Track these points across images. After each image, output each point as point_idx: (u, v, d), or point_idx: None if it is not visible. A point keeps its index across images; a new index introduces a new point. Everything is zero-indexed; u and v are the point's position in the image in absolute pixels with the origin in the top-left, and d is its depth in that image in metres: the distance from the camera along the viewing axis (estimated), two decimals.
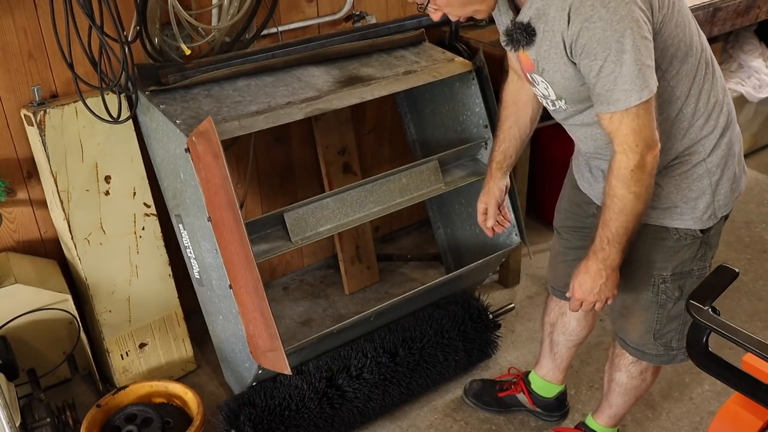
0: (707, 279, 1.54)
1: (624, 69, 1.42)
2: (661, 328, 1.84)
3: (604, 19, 1.39)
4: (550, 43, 1.51)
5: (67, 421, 2.20)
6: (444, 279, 2.43)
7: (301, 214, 2.17)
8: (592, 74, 1.47)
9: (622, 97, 1.45)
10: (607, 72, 1.44)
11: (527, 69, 1.64)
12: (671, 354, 1.87)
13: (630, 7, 1.39)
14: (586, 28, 1.41)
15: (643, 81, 1.43)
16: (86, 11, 1.89)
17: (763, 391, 1.38)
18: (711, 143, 1.66)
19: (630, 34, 1.39)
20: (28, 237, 2.37)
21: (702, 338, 1.43)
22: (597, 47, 1.42)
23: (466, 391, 2.45)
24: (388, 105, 2.96)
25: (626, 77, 1.43)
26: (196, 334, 2.62)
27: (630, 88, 1.44)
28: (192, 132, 1.92)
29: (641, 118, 1.47)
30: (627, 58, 1.41)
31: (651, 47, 1.44)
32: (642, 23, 1.41)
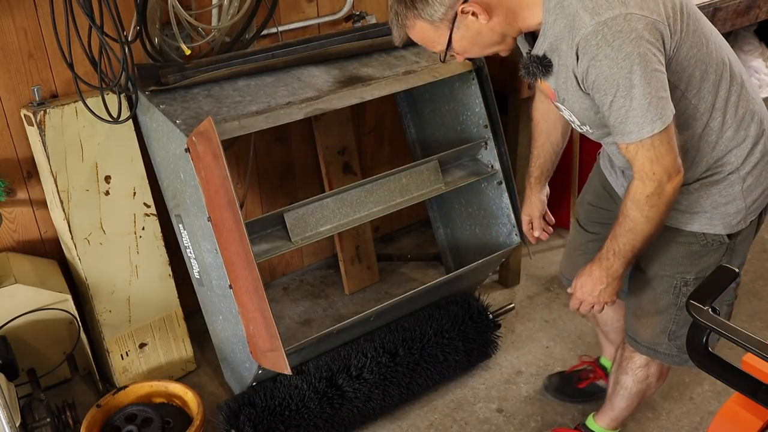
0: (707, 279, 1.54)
1: (634, 103, 1.44)
2: (677, 329, 1.82)
3: (610, 57, 1.42)
4: (566, 76, 1.54)
5: (67, 421, 2.20)
6: (444, 279, 2.43)
7: (301, 214, 2.17)
8: (604, 108, 1.50)
9: (635, 129, 1.47)
10: (618, 106, 1.46)
11: (550, 97, 1.68)
12: (684, 357, 1.83)
13: (636, 43, 1.41)
14: (593, 66, 1.44)
15: (655, 113, 1.45)
16: (86, 11, 1.89)
17: (763, 391, 1.38)
18: (743, 153, 1.66)
19: (638, 69, 1.42)
20: (28, 237, 2.37)
21: (702, 338, 1.43)
22: (605, 84, 1.45)
23: (546, 387, 2.46)
24: (388, 105, 2.96)
25: (637, 110, 1.45)
26: (196, 334, 2.62)
27: (642, 120, 1.46)
28: (192, 132, 1.92)
29: (657, 148, 1.49)
30: (636, 93, 1.43)
31: (663, 78, 1.46)
32: (650, 56, 1.43)
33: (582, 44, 1.43)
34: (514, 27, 1.55)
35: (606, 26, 1.40)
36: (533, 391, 2.48)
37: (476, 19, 1.50)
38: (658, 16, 1.44)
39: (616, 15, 1.40)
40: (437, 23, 1.51)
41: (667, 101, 1.47)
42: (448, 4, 1.48)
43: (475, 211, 2.70)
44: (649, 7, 1.43)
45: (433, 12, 1.49)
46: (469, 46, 1.57)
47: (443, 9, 1.48)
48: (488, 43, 1.57)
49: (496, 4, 1.50)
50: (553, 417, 2.38)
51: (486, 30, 1.53)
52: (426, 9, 1.49)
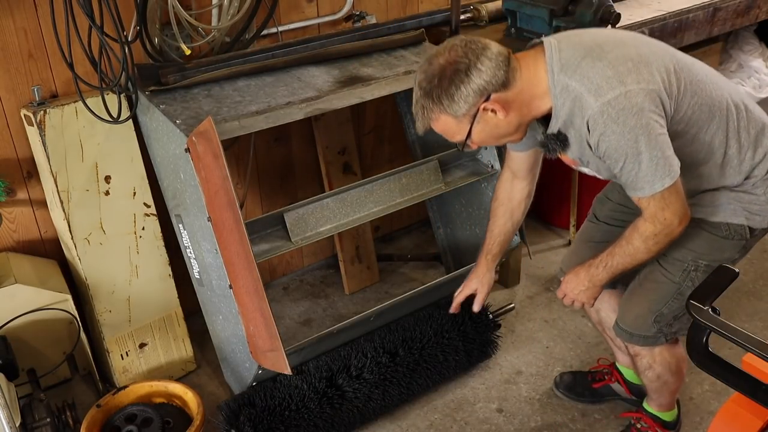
0: (707, 279, 1.54)
1: (642, 166, 1.60)
2: (668, 313, 1.88)
3: (617, 132, 1.58)
4: (582, 145, 1.70)
5: (67, 421, 2.20)
6: (444, 279, 2.43)
7: (301, 214, 2.17)
8: (616, 170, 1.66)
9: (647, 186, 1.63)
10: (628, 170, 1.63)
11: (573, 165, 1.83)
12: (658, 336, 1.92)
13: (638, 116, 1.56)
14: (602, 140, 1.61)
15: (663, 171, 1.60)
16: (86, 11, 1.89)
17: (763, 391, 1.38)
18: (766, 165, 1.79)
19: (643, 138, 1.57)
20: (28, 237, 2.37)
21: (702, 338, 1.43)
22: (615, 153, 1.61)
23: (557, 384, 2.47)
24: (388, 105, 2.96)
25: (646, 172, 1.61)
26: (196, 334, 2.62)
27: (652, 179, 1.62)
28: (192, 132, 1.92)
29: (667, 198, 1.64)
30: (644, 158, 1.59)
31: (666, 139, 1.61)
32: (653, 124, 1.58)
33: (591, 122, 1.60)
34: (527, 117, 1.70)
35: (610, 106, 1.56)
36: (533, 391, 2.48)
37: (495, 115, 1.65)
38: (654, 85, 1.59)
39: (617, 95, 1.56)
40: (460, 118, 1.64)
41: (672, 157, 1.62)
42: (471, 102, 1.62)
43: (475, 211, 2.70)
44: (645, 79, 1.58)
45: (457, 108, 1.62)
46: (487, 138, 1.71)
47: (467, 106, 1.62)
48: (504, 135, 1.73)
49: (513, 101, 1.65)
50: (553, 417, 2.38)
51: (503, 124, 1.67)
52: (452, 105, 1.62)
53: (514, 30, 2.68)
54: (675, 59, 1.68)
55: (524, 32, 2.64)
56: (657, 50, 1.68)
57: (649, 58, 1.63)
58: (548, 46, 1.66)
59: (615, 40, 1.68)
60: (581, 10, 2.44)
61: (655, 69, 1.61)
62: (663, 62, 1.64)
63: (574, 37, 1.70)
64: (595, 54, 1.61)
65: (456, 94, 1.60)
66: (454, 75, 1.60)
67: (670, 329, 1.91)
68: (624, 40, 1.69)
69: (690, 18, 2.97)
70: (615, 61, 1.59)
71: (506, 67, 1.62)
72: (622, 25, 2.69)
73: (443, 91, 1.61)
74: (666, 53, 1.69)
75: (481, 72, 1.59)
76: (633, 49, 1.64)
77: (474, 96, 1.61)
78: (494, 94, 1.62)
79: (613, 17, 2.41)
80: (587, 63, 1.60)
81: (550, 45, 1.66)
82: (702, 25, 3.04)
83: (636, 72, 1.58)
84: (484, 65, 1.60)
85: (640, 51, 1.64)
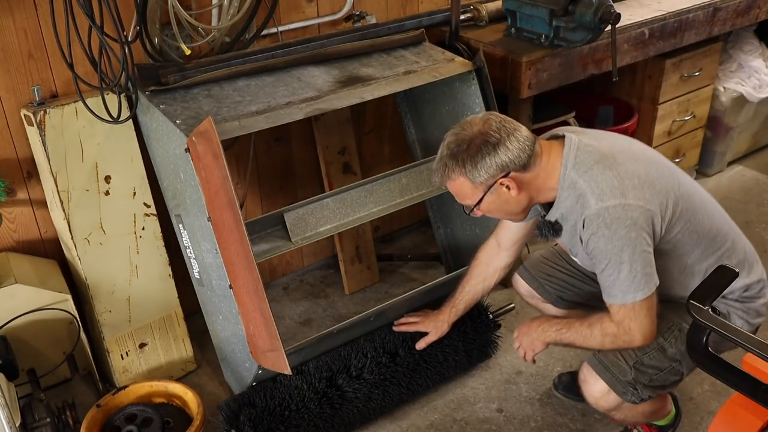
0: (707, 279, 1.55)
1: (621, 275, 1.71)
2: (647, 364, 1.87)
3: (606, 236, 1.69)
4: (574, 239, 1.81)
5: (67, 421, 2.20)
6: (444, 279, 2.43)
7: (301, 214, 2.17)
8: (597, 270, 1.77)
9: (620, 294, 1.73)
10: (608, 274, 1.73)
11: (565, 250, 1.96)
12: (628, 389, 1.86)
13: (629, 229, 1.68)
14: (592, 240, 1.72)
15: (639, 285, 1.71)
16: (86, 11, 1.89)
17: (763, 391, 1.38)
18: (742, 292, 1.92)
19: (628, 249, 1.68)
20: (28, 237, 2.37)
21: (702, 338, 1.43)
22: (600, 255, 1.72)
23: (556, 385, 2.47)
24: (388, 105, 2.96)
25: (623, 281, 1.71)
26: (196, 334, 2.62)
27: (626, 289, 1.72)
28: (192, 132, 1.92)
29: (636, 311, 1.74)
30: (624, 268, 1.70)
31: (650, 257, 1.72)
32: (640, 240, 1.69)
33: (587, 220, 1.71)
34: (535, 200, 1.83)
35: (607, 212, 1.68)
36: (533, 391, 2.48)
37: (508, 192, 1.76)
38: (651, 206, 1.71)
39: (616, 204, 1.68)
40: (477, 185, 1.76)
41: (652, 275, 1.72)
42: (491, 174, 1.73)
43: None
44: (645, 198, 1.70)
45: (477, 176, 1.73)
46: (494, 210, 1.82)
47: (486, 176, 1.73)
48: (510, 211, 1.84)
49: (528, 183, 1.77)
50: (553, 417, 2.38)
51: (513, 201, 1.79)
52: (472, 172, 1.73)
53: (514, 30, 2.68)
54: (678, 185, 1.80)
55: (524, 32, 2.65)
56: (665, 173, 1.80)
57: (655, 179, 1.74)
58: (568, 143, 1.77)
59: (630, 153, 1.79)
60: (581, 10, 2.44)
61: (657, 191, 1.73)
62: (666, 186, 1.76)
63: (594, 139, 1.80)
64: (607, 162, 1.73)
65: (480, 162, 1.71)
66: (483, 145, 1.71)
67: (643, 391, 1.86)
68: (637, 155, 1.80)
69: (690, 18, 2.97)
70: (624, 174, 1.71)
71: (530, 151, 1.74)
72: (622, 25, 2.69)
73: (469, 156, 1.72)
74: (672, 177, 1.80)
75: (508, 150, 1.71)
76: (643, 167, 1.75)
77: (495, 169, 1.72)
78: (513, 173, 1.74)
79: (613, 17, 2.40)
80: (599, 169, 1.72)
81: (570, 141, 1.77)
82: (702, 25, 3.04)
83: (639, 189, 1.70)
84: (512, 145, 1.71)
85: (648, 171, 1.75)
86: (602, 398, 1.89)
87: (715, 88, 3.46)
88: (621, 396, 1.86)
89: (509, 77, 2.58)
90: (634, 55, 2.86)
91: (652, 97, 3.22)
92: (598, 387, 1.88)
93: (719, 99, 3.49)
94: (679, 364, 1.87)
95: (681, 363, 1.87)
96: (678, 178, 1.82)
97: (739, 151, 3.80)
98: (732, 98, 3.48)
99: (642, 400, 1.87)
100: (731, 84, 3.49)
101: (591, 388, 1.90)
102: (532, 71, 2.55)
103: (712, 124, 3.57)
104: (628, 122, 3.17)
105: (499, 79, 2.59)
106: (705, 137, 3.58)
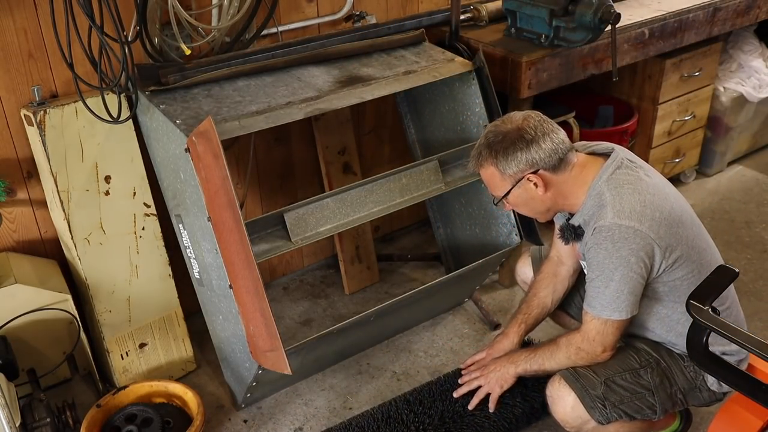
0: (707, 279, 1.55)
1: (607, 291, 1.77)
2: (619, 384, 1.86)
3: (607, 251, 1.74)
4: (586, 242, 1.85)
5: (67, 421, 2.20)
6: (444, 279, 2.43)
7: (301, 214, 2.17)
8: (587, 278, 1.83)
9: (599, 307, 1.80)
10: (595, 285, 1.79)
11: (578, 257, 1.98)
12: (596, 404, 1.84)
13: (631, 252, 1.72)
14: (593, 249, 1.77)
15: (619, 305, 1.77)
16: (86, 11, 1.89)
17: (763, 391, 1.38)
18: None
19: (622, 270, 1.73)
20: (28, 237, 2.37)
21: (702, 338, 1.43)
22: (595, 266, 1.78)
23: None
24: (388, 105, 2.96)
25: (607, 297, 1.77)
26: (196, 334, 2.62)
27: (607, 304, 1.78)
28: (192, 132, 1.92)
29: (606, 328, 1.82)
30: (612, 285, 1.76)
31: (639, 284, 1.77)
32: (637, 266, 1.74)
33: (597, 230, 1.76)
34: (559, 205, 1.88)
35: (618, 229, 1.72)
36: None
37: (535, 188, 1.82)
38: (660, 242, 1.74)
39: (630, 226, 1.72)
40: (505, 176, 1.82)
41: (634, 302, 1.78)
42: (520, 168, 1.79)
43: (475, 211, 2.70)
44: (657, 232, 1.73)
45: (506, 167, 1.80)
46: (521, 204, 1.88)
47: (515, 169, 1.80)
48: (535, 209, 1.89)
49: (554, 184, 1.82)
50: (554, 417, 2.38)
51: (538, 199, 1.85)
52: (504, 162, 1.80)
53: (514, 30, 2.68)
54: (693, 235, 1.83)
55: (524, 32, 2.64)
56: (686, 221, 1.83)
57: (674, 221, 1.78)
58: (614, 157, 1.83)
59: (663, 193, 1.82)
60: (581, 10, 2.44)
61: (673, 233, 1.76)
62: (685, 235, 1.79)
63: (640, 168, 1.84)
64: (638, 188, 1.77)
65: (511, 155, 1.78)
66: (518, 140, 1.78)
67: (611, 411, 1.84)
68: (669, 197, 1.82)
69: (690, 18, 2.97)
70: (648, 203, 1.75)
71: (563, 155, 1.80)
72: (622, 25, 2.69)
73: (502, 148, 1.79)
74: (692, 225, 1.84)
75: (540, 149, 1.77)
76: (669, 206, 1.79)
77: (524, 164, 1.79)
78: (542, 171, 1.79)
79: (613, 17, 2.40)
80: (628, 189, 1.76)
81: (615, 157, 1.83)
82: (702, 25, 3.04)
83: (657, 223, 1.74)
84: (546, 144, 1.78)
85: (673, 212, 1.79)
86: (571, 412, 1.86)
87: (715, 88, 3.46)
88: (588, 411, 1.84)
89: (509, 77, 2.58)
90: (634, 55, 2.86)
91: (652, 97, 3.22)
92: (569, 400, 1.86)
93: (719, 99, 3.49)
94: (652, 396, 1.86)
95: (654, 396, 1.86)
96: (698, 229, 1.87)
97: (739, 151, 3.80)
98: (732, 98, 3.48)
99: (608, 421, 1.84)
100: (731, 84, 3.49)
101: (560, 402, 1.88)
102: (532, 71, 2.55)
103: (712, 124, 3.57)
104: (628, 122, 3.17)
105: (499, 79, 2.59)
106: (705, 137, 3.58)
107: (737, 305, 1.96)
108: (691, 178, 3.70)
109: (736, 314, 1.94)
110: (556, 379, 1.89)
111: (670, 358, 1.91)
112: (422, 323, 2.80)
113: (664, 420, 2.11)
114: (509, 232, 2.57)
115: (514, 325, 2.16)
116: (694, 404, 1.96)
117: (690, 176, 3.68)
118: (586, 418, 1.86)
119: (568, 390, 1.86)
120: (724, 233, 3.24)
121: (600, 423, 1.85)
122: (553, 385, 1.90)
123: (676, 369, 1.90)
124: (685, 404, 1.94)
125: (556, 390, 1.89)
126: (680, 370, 1.90)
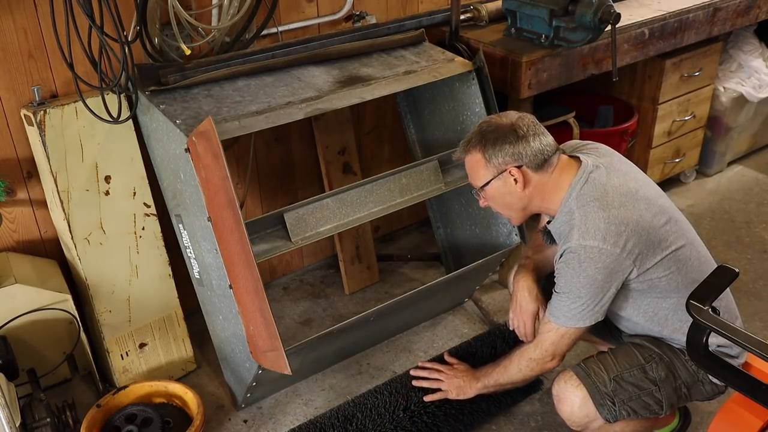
0: (707, 279, 1.55)
1: (574, 305, 1.81)
2: (627, 380, 1.87)
3: (575, 270, 1.78)
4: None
5: (67, 421, 2.20)
6: (444, 279, 2.43)
7: (301, 214, 2.17)
8: (555, 289, 1.86)
9: (563, 318, 1.84)
10: (561, 299, 1.83)
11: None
12: (606, 401, 1.85)
13: (598, 271, 1.76)
14: (562, 268, 1.81)
15: (583, 317, 1.82)
16: (86, 11, 1.89)
17: (763, 391, 1.38)
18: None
19: (591, 288, 1.77)
20: (28, 237, 2.37)
21: (702, 338, 1.43)
22: (564, 283, 1.82)
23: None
24: (388, 105, 2.96)
25: (573, 311, 1.82)
26: (196, 334, 2.62)
27: (569, 315, 1.83)
28: (192, 132, 1.92)
29: (562, 337, 1.87)
30: (579, 301, 1.80)
31: (606, 299, 1.80)
32: (606, 284, 1.77)
33: (567, 249, 1.79)
34: (535, 206, 1.91)
35: (583, 250, 1.75)
36: (533, 391, 2.48)
37: (514, 184, 1.85)
38: (627, 255, 1.75)
39: (594, 246, 1.74)
40: (488, 166, 1.86)
41: (598, 313, 1.82)
42: (506, 160, 1.83)
43: (475, 211, 2.70)
44: (622, 245, 1.75)
45: (491, 156, 1.84)
46: (497, 197, 1.90)
47: (500, 159, 1.84)
48: (511, 205, 1.91)
49: (534, 184, 1.85)
50: (553, 417, 2.38)
51: (516, 195, 1.87)
52: (491, 150, 1.84)
53: (514, 30, 2.68)
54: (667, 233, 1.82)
55: (524, 32, 2.65)
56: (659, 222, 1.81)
57: (644, 228, 1.77)
58: (582, 169, 1.84)
59: (635, 197, 1.81)
60: (581, 10, 2.44)
61: (644, 240, 1.77)
62: (653, 237, 1.79)
63: (606, 174, 1.84)
64: (604, 203, 1.78)
65: (500, 146, 1.83)
66: (510, 133, 1.83)
67: (620, 408, 1.85)
68: (638, 201, 1.81)
69: (690, 18, 2.97)
70: (613, 219, 1.76)
71: (548, 157, 1.84)
72: (622, 25, 2.69)
73: (493, 138, 1.84)
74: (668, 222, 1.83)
75: (528, 146, 1.82)
76: (636, 214, 1.78)
77: (510, 157, 1.83)
78: (525, 168, 1.83)
79: (613, 17, 2.40)
80: (593, 207, 1.78)
81: (584, 169, 1.84)
82: (702, 25, 3.04)
83: (624, 238, 1.75)
84: (534, 143, 1.82)
85: (642, 218, 1.78)
86: (578, 410, 1.87)
87: (715, 88, 3.46)
88: (598, 408, 1.85)
89: (509, 77, 2.58)
90: (634, 55, 2.86)
91: (652, 97, 3.22)
92: (577, 398, 1.87)
93: (719, 99, 3.49)
94: (658, 390, 1.87)
95: (660, 390, 1.87)
96: (679, 231, 1.86)
97: (739, 151, 3.81)
98: (732, 98, 3.48)
99: (616, 419, 1.85)
100: (731, 84, 3.50)
101: (567, 400, 1.89)
102: (532, 71, 2.55)
103: (712, 124, 3.57)
104: (628, 122, 3.17)
105: (499, 79, 2.59)
106: (705, 137, 3.58)
107: (728, 296, 1.97)
108: (691, 178, 3.70)
109: (726, 304, 1.94)
110: (564, 376, 1.90)
111: (672, 353, 1.91)
112: (422, 323, 2.80)
113: (665, 418, 2.11)
114: (509, 232, 2.57)
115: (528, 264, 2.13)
116: (698, 399, 1.96)
117: (690, 176, 3.68)
118: (594, 416, 1.86)
119: (577, 387, 1.87)
120: (724, 233, 3.24)
121: (607, 420, 1.85)
122: (560, 383, 1.91)
123: (678, 363, 1.90)
124: (689, 398, 1.93)
125: (563, 387, 1.90)
126: (682, 365, 1.90)
